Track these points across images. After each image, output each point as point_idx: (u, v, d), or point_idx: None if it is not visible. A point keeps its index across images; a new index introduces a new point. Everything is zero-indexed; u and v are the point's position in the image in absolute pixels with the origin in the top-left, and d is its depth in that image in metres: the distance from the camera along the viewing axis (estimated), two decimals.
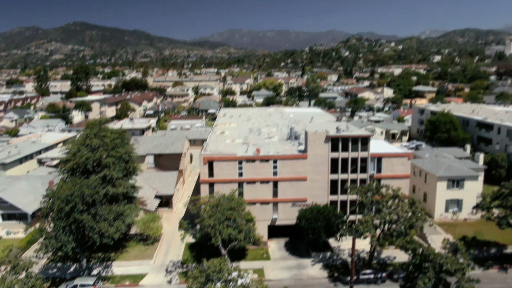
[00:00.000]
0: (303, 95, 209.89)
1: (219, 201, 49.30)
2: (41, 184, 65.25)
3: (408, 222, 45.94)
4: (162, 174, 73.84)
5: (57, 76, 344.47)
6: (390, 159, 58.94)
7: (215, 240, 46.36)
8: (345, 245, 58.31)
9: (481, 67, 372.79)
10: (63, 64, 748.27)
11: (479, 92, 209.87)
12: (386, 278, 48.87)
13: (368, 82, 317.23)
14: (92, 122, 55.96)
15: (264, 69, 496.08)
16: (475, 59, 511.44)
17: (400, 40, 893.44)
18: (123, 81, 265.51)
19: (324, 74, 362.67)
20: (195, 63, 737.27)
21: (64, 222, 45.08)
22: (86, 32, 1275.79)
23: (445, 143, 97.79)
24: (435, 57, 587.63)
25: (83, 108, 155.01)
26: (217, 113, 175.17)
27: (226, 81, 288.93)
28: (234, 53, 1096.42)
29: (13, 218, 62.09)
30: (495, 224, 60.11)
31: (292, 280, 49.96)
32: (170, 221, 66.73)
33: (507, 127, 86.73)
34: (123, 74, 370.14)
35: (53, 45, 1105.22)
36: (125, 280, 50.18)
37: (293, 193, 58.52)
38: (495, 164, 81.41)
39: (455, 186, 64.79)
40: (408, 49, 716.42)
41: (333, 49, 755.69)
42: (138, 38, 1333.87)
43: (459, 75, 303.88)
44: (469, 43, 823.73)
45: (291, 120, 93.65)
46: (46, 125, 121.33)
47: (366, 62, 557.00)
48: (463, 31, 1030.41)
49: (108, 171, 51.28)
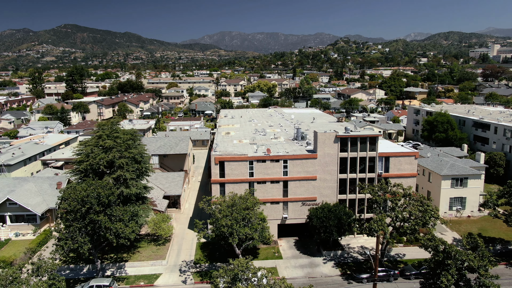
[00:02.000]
0: (298, 96, 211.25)
1: (234, 201, 49.78)
2: (49, 186, 64.95)
3: (421, 220, 47.03)
4: (169, 174, 74.01)
5: (50, 78, 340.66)
6: (397, 158, 60.07)
7: (232, 239, 46.77)
8: (355, 243, 59.40)
9: (466, 68, 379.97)
10: (54, 66, 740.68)
11: (468, 93, 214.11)
12: (398, 276, 49.86)
13: (359, 83, 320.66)
14: (103, 123, 55.95)
15: (256, 71, 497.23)
16: (460, 61, 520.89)
17: (386, 42, 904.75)
18: (118, 82, 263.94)
19: (315, 75, 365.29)
20: (187, 65, 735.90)
21: (81, 223, 45.10)
22: (77, 34, 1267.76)
23: (442, 142, 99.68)
24: (421, 59, 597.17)
25: (81, 109, 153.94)
26: (214, 114, 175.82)
27: (220, 83, 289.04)
28: (224, 55, 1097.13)
29: (21, 219, 61.63)
30: (498, 221, 62.17)
31: (306, 278, 50.58)
32: (179, 221, 66.99)
33: (504, 127, 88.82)
34: (116, 76, 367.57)
35: (44, 47, 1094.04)
36: (139, 281, 50.25)
37: (303, 192, 59.31)
38: (493, 162, 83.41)
39: (459, 184, 66.31)
40: (395, 52, 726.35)
41: (322, 51, 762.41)
42: (129, 40, 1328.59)
43: (446, 76, 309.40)
44: (453, 46, 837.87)
45: (293, 120, 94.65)
46: (44, 127, 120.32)
47: (355, 64, 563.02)
48: (447, 34, 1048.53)
49: (121, 171, 51.37)
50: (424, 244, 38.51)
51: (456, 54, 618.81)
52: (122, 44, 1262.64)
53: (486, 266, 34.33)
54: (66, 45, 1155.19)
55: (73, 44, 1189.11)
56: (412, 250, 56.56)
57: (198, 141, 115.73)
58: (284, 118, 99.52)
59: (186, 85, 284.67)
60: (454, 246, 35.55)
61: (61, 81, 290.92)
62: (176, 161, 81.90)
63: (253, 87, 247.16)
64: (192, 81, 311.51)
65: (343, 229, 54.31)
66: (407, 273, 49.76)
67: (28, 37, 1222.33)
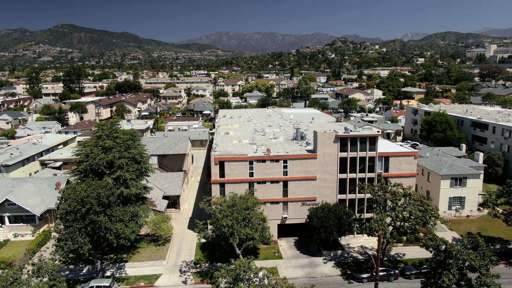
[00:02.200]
0: (296, 96, 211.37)
1: (235, 201, 49.72)
2: (47, 186, 64.68)
3: (421, 219, 47.12)
4: (168, 174, 73.87)
5: (47, 78, 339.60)
6: (397, 158, 60.16)
7: (232, 239, 46.70)
8: (354, 243, 59.45)
9: (463, 68, 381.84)
10: (51, 66, 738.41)
11: (466, 93, 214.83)
12: (398, 275, 49.95)
13: (356, 83, 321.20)
14: (103, 123, 55.77)
15: (254, 71, 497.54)
16: (457, 61, 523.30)
17: (384, 42, 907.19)
18: (116, 83, 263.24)
19: (313, 75, 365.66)
20: (184, 65, 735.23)
21: (81, 223, 44.92)
22: (74, 34, 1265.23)
23: (440, 142, 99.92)
24: (419, 59, 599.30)
25: (79, 109, 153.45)
26: (212, 114, 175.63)
27: (218, 83, 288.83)
28: (222, 55, 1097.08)
29: (20, 220, 61.35)
30: (497, 221, 62.36)
31: (306, 278, 50.59)
32: (178, 221, 66.86)
33: (502, 126, 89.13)
34: (113, 76, 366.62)
35: (41, 47, 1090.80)
36: (140, 281, 50.11)
37: (303, 192, 59.32)
38: (492, 162, 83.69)
39: (458, 184, 66.48)
40: (392, 52, 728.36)
41: (320, 51, 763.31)
42: (126, 40, 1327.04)
43: (444, 76, 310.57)
44: (450, 46, 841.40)
45: (292, 120, 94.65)
46: (42, 127, 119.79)
47: (352, 64, 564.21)
48: (444, 34, 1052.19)
49: (121, 172, 51.21)
50: (425, 243, 38.52)
51: (453, 54, 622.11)
52: (119, 44, 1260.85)
53: (488, 265, 34.43)
54: (63, 45, 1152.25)
55: (70, 44, 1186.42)
56: (411, 249, 56.65)
57: (197, 141, 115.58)
58: (283, 118, 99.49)
59: (183, 85, 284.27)
60: (456, 245, 35.61)
61: (58, 81, 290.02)
62: (175, 161, 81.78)
63: (251, 87, 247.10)
64: (190, 81, 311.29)
65: (343, 229, 54.37)
66: (408, 273, 49.83)
67: (24, 37, 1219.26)
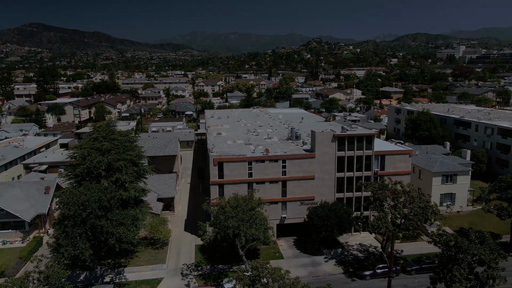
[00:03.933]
0: (278, 96, 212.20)
1: (238, 201, 49.25)
2: (36, 191, 62.16)
3: (422, 216, 48.01)
4: (161, 176, 72.45)
5: (18, 79, 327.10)
6: (392, 156, 61.18)
7: (238, 240, 46.20)
8: (352, 240, 60.03)
9: (435, 69, 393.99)
10: (20, 66, 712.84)
11: (441, 93, 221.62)
12: (399, 271, 50.82)
13: (335, 83, 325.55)
14: (99, 124, 54.14)
15: (231, 71, 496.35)
16: (429, 62, 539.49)
17: (357, 43, 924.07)
18: (92, 83, 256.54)
19: (291, 76, 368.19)
20: (159, 65, 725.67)
21: (81, 228, 43.42)
22: (43, 34, 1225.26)
23: (424, 140, 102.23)
24: (392, 59, 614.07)
25: (56, 111, 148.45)
26: (194, 115, 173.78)
27: (196, 83, 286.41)
28: (197, 55, 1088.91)
29: (8, 227, 58.73)
30: (486, 215, 64.28)
31: (309, 277, 50.61)
32: (174, 224, 65.67)
33: (485, 124, 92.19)
34: (88, 76, 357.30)
35: (8, 47, 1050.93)
36: (141, 286, 48.83)
37: (302, 191, 59.43)
38: (476, 159, 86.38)
39: (449, 181, 68.21)
40: (366, 52, 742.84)
41: (295, 52, 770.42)
42: (98, 40, 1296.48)
43: (419, 76, 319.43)
44: (420, 47, 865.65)
45: (281, 120, 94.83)
46: (19, 129, 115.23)
47: (328, 64, 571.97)
48: (415, 35, 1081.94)
49: (120, 174, 49.81)
50: (435, 239, 39.26)
51: (425, 55, 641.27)
52: (91, 44, 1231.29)
53: (497, 259, 35.43)
54: (32, 44, 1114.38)
55: (39, 43, 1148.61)
56: (409, 246, 57.77)
57: (183, 142, 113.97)
58: (272, 118, 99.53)
59: (162, 86, 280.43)
60: (466, 240, 36.45)
61: (30, 82, 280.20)
62: (166, 163, 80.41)
63: (232, 87, 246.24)
64: (167, 82, 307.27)
65: (343, 227, 54.81)
66: (408, 269, 50.73)
67: None
